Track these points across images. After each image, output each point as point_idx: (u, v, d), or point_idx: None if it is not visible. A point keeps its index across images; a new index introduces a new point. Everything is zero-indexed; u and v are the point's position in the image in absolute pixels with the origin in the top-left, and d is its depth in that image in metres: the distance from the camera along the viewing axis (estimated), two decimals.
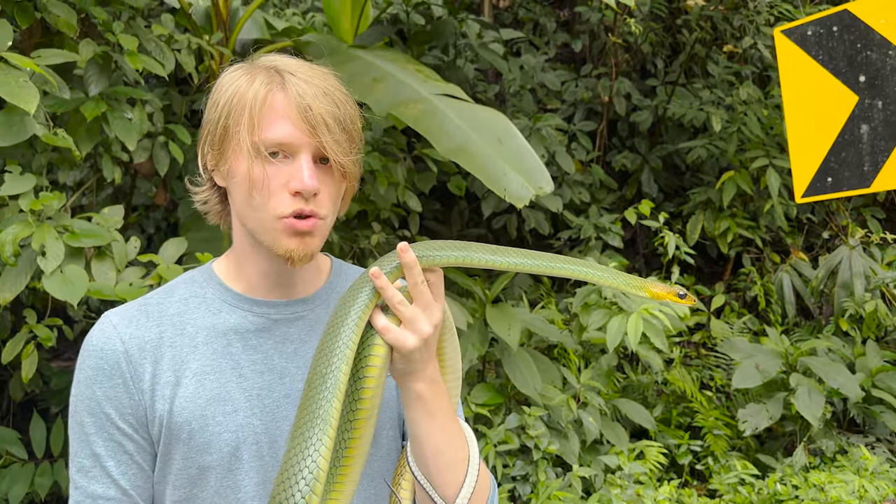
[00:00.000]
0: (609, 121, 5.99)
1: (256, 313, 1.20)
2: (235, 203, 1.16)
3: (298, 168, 1.11)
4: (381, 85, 3.25)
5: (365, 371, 1.04)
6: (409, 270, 1.06)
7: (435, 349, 1.11)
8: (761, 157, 5.01)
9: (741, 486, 3.93)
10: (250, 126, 1.09)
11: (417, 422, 1.10)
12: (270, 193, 1.10)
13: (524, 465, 3.41)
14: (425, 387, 1.09)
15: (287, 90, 1.11)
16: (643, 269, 5.77)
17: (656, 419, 4.48)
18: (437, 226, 5.24)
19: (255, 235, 1.15)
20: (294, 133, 1.10)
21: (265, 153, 1.10)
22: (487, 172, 3.06)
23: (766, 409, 4.13)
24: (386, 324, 1.06)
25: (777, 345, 4.40)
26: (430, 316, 1.07)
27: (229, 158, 1.12)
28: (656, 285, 1.19)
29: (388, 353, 1.07)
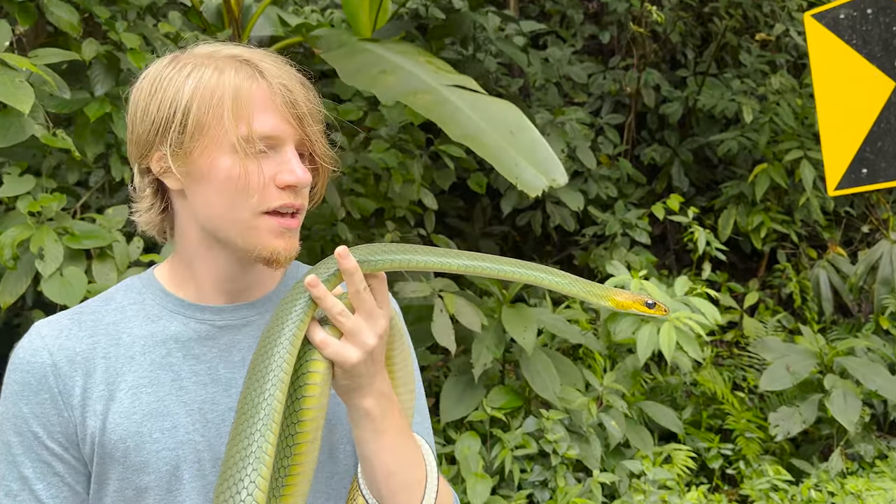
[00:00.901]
0: (637, 113, 5.83)
1: (200, 320, 1.11)
2: (197, 205, 1.06)
3: (287, 160, 1.04)
4: (390, 77, 3.17)
5: (303, 391, 0.95)
6: (349, 277, 0.96)
7: (383, 360, 1.01)
8: (795, 148, 4.81)
9: (773, 493, 3.77)
10: (236, 118, 1.01)
11: (366, 441, 1.01)
12: (258, 189, 1.03)
13: (542, 470, 3.30)
14: (373, 402, 1.00)
15: (269, 80, 1.04)
16: (674, 266, 5.61)
17: (686, 421, 4.33)
18: (459, 223, 5.15)
19: (229, 239, 1.06)
20: (281, 125, 1.04)
21: (258, 146, 1.02)
22: (499, 160, 2.97)
23: (800, 413, 3.96)
24: (325, 338, 0.96)
25: (811, 344, 4.22)
26: (374, 326, 0.98)
27: (200, 156, 1.03)
28: (621, 294, 1.08)
29: (329, 369, 0.97)
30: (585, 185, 5.17)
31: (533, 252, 5.45)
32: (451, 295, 3.42)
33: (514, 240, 5.49)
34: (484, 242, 5.08)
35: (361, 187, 3.75)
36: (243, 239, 1.05)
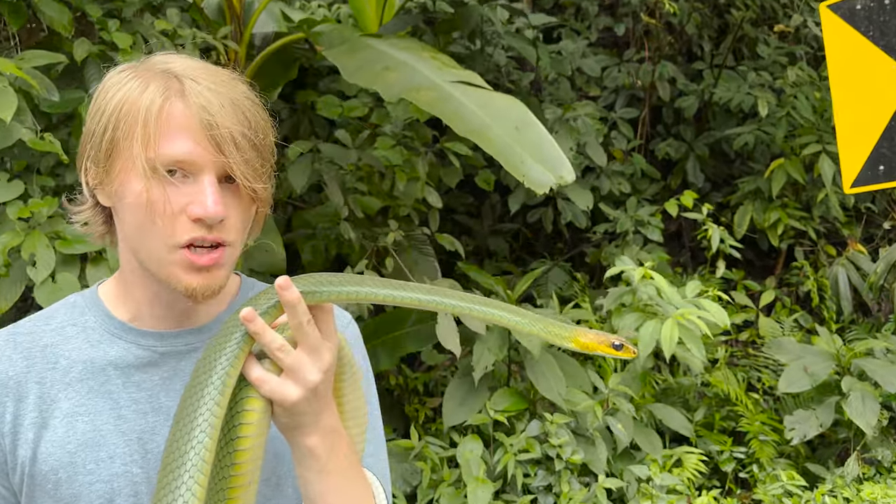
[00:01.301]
0: (652, 107, 5.72)
1: (142, 345, 1.05)
2: (124, 227, 1.01)
3: (200, 190, 0.96)
4: (393, 73, 3.11)
5: (238, 431, 0.88)
6: (291, 310, 0.89)
7: (329, 396, 0.94)
8: (813, 142, 4.68)
9: (787, 498, 3.67)
10: (144, 140, 0.95)
11: (310, 482, 0.95)
12: (166, 218, 0.96)
13: (547, 474, 3.23)
14: (318, 441, 0.93)
15: (187, 99, 0.96)
16: (689, 264, 5.50)
17: (698, 423, 4.23)
18: (468, 220, 5.07)
19: (149, 268, 1.00)
20: (196, 150, 0.96)
21: (162, 172, 0.95)
22: (505, 156, 2.90)
23: (816, 416, 3.85)
24: (261, 375, 0.90)
25: (828, 345, 4.10)
26: (318, 361, 0.91)
27: (118, 176, 0.98)
28: (586, 334, 1.00)
29: (268, 408, 0.90)
30: (598, 181, 5.07)
31: (544, 249, 5.37)
32: None
33: (525, 237, 5.41)
34: (493, 240, 5.01)
35: (365, 185, 3.69)
36: (158, 270, 0.99)
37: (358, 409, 1.01)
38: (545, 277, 4.71)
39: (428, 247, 4.14)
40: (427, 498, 3.22)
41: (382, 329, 3.71)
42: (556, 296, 4.39)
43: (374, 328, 3.67)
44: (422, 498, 3.23)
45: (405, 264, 3.84)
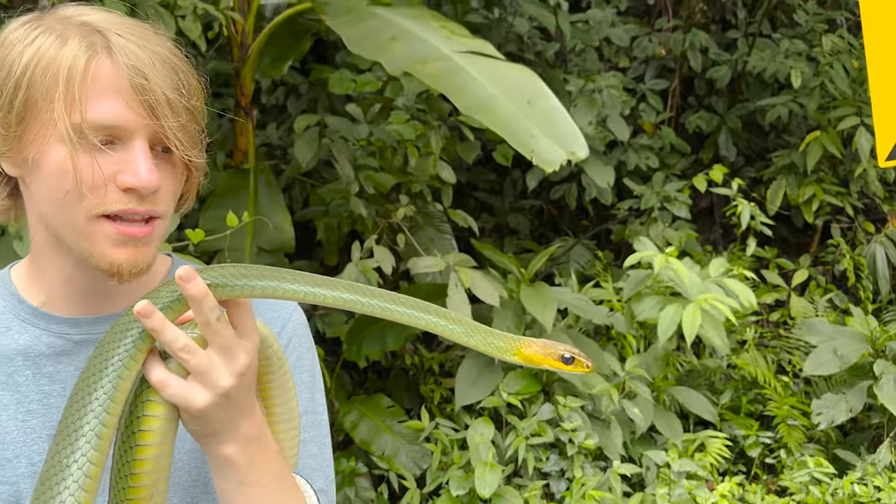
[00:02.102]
0: (683, 78, 5.50)
1: (54, 333, 0.96)
2: (36, 198, 0.91)
3: (132, 158, 0.87)
4: (398, 43, 2.99)
5: (137, 438, 0.78)
6: (196, 305, 0.79)
7: (248, 402, 0.84)
8: (851, 114, 4.45)
9: (814, 486, 3.52)
10: (68, 102, 0.85)
11: (230, 494, 0.85)
12: (92, 188, 0.87)
13: (559, 459, 3.14)
14: (236, 450, 0.83)
15: (115, 57, 0.87)
16: (719, 242, 5.31)
17: (723, 406, 4.09)
18: (489, 197, 4.95)
19: (67, 243, 0.91)
20: (127, 114, 0.87)
21: (91, 138, 0.86)
22: (512, 132, 2.78)
23: (846, 400, 3.68)
24: (163, 377, 0.80)
25: (863, 327, 3.92)
26: (231, 363, 0.80)
27: (32, 142, 0.88)
28: (531, 345, 0.89)
29: (173, 412, 0.81)
30: (624, 155, 4.90)
31: (569, 227, 5.23)
32: (466, 269, 3.26)
33: (549, 214, 5.27)
34: (514, 217, 4.88)
35: (376, 161, 3.60)
36: (78, 245, 0.90)
37: (289, 412, 0.92)
38: (567, 256, 4.58)
39: (445, 224, 4.04)
40: (437, 481, 3.16)
41: None
42: (577, 275, 4.27)
43: None
44: (431, 481, 3.16)
45: (421, 241, 3.75)
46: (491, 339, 0.90)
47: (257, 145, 3.82)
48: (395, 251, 3.61)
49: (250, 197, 3.27)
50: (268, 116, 4.62)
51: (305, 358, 1.05)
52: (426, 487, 3.17)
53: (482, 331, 0.90)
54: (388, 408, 3.48)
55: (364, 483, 3.34)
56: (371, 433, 3.35)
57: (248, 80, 3.44)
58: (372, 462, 3.36)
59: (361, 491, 3.31)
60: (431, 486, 3.15)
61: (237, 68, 3.42)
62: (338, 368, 3.68)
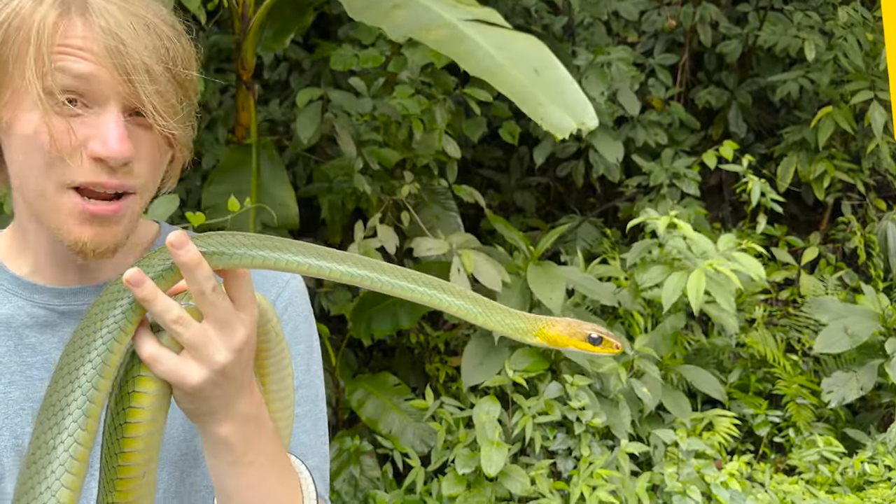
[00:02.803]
0: (693, 53, 5.41)
1: (38, 303, 0.92)
2: (13, 166, 0.87)
3: (102, 123, 0.82)
4: (402, 11, 2.92)
5: (127, 415, 0.73)
6: (189, 274, 0.73)
7: (246, 378, 0.79)
8: (864, 89, 4.36)
9: (823, 465, 3.49)
10: (38, 62, 0.80)
11: (224, 475, 0.81)
12: (61, 154, 0.82)
13: (566, 437, 3.11)
14: (232, 430, 0.78)
15: (89, 18, 0.82)
16: (728, 219, 5.24)
17: (732, 385, 4.06)
18: (495, 174, 4.89)
19: (37, 213, 0.87)
20: (98, 74, 0.81)
21: (59, 97, 0.81)
22: (523, 98, 2.71)
23: (857, 379, 3.64)
24: (154, 352, 0.74)
25: (873, 305, 3.87)
26: (228, 337, 0.75)
27: (6, 106, 0.84)
28: (554, 325, 0.81)
29: (165, 389, 0.76)
30: (633, 131, 4.83)
31: (575, 204, 5.17)
32: (469, 252, 3.21)
33: (556, 192, 5.21)
34: (520, 195, 4.82)
35: (380, 136, 3.54)
36: (47, 217, 0.85)
37: (285, 390, 0.87)
38: (574, 233, 4.53)
39: (450, 200, 3.99)
40: (442, 459, 3.13)
41: None
42: (584, 253, 4.22)
43: None
44: (436, 459, 3.14)
45: (426, 219, 3.70)
46: (510, 320, 0.83)
47: (259, 121, 3.76)
48: (399, 229, 3.57)
49: (253, 172, 3.21)
50: (270, 92, 4.56)
51: (302, 328, 1.00)
52: (431, 466, 3.15)
53: (500, 311, 0.84)
54: (394, 386, 3.46)
55: (369, 461, 3.32)
56: (378, 411, 3.32)
57: (249, 54, 3.37)
58: (377, 440, 3.34)
59: (367, 469, 3.29)
60: (437, 464, 3.13)
61: (238, 41, 3.35)
62: (343, 347, 3.65)
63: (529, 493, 2.98)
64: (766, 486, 3.45)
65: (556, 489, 3.04)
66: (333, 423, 3.51)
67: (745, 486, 3.25)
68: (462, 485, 2.97)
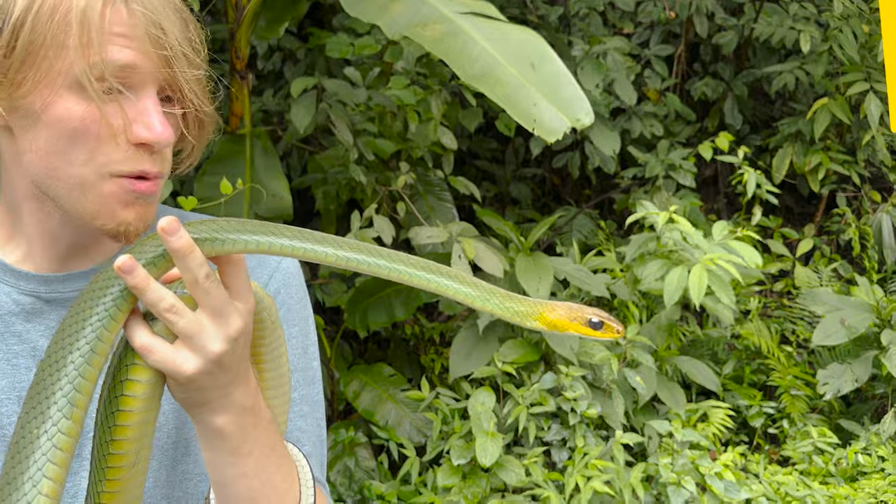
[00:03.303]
0: (689, 44, 5.40)
1: (23, 290, 0.90)
2: (29, 152, 0.84)
3: (144, 109, 0.82)
4: (398, 5, 2.90)
5: (119, 403, 0.72)
6: (181, 261, 0.72)
7: (242, 369, 0.77)
8: (860, 80, 4.36)
9: (817, 456, 3.50)
10: (84, 47, 0.79)
11: (221, 465, 0.80)
12: (104, 141, 0.81)
13: (561, 428, 3.11)
14: (228, 420, 0.77)
15: (130, 3, 0.82)
16: (723, 211, 5.25)
17: (726, 377, 4.07)
18: (490, 166, 4.88)
19: (61, 200, 0.85)
20: (141, 62, 0.81)
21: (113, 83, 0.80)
22: (514, 102, 2.71)
23: (852, 370, 3.65)
24: (148, 342, 0.72)
25: (868, 296, 3.87)
26: (222, 326, 0.73)
27: (34, 91, 0.81)
28: (555, 310, 0.80)
29: (159, 378, 0.74)
30: (629, 122, 4.82)
31: (571, 196, 5.17)
32: (469, 240, 3.20)
33: (551, 183, 5.20)
34: (516, 186, 4.81)
35: (375, 126, 3.52)
36: (84, 205, 0.84)
37: (280, 378, 0.86)
38: (569, 225, 4.52)
39: (445, 192, 3.98)
40: (437, 449, 3.13)
41: None
42: (580, 244, 4.22)
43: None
44: (431, 449, 3.14)
45: (421, 210, 3.69)
46: (510, 304, 0.82)
47: (253, 112, 3.74)
48: (395, 220, 3.56)
49: (247, 163, 3.20)
50: (264, 83, 4.54)
51: (296, 310, 0.99)
52: (426, 456, 3.15)
53: (500, 294, 0.82)
54: (389, 377, 3.45)
55: (364, 452, 3.33)
56: (374, 402, 3.32)
57: (243, 44, 3.35)
58: (372, 432, 3.34)
59: (362, 461, 3.29)
60: (432, 454, 3.13)
61: (232, 31, 3.34)
62: (337, 338, 3.65)
63: (524, 483, 2.98)
64: (760, 476, 3.46)
65: (551, 479, 3.05)
66: (329, 415, 3.51)
67: (740, 477, 3.26)
68: (457, 475, 2.97)
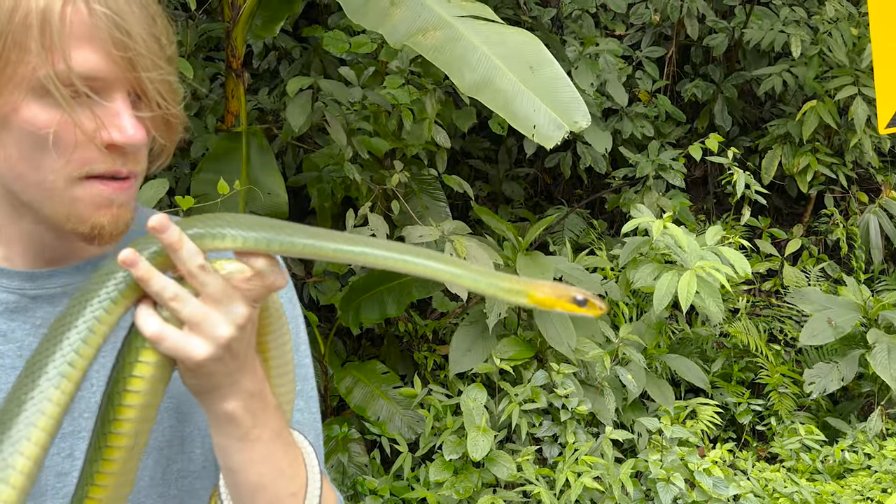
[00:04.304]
0: (680, 46, 5.45)
1: (7, 288, 0.89)
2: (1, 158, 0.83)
3: (115, 112, 0.80)
4: (398, 10, 2.93)
5: (128, 384, 0.74)
6: (174, 255, 0.74)
7: (249, 356, 0.80)
8: (848, 84, 4.42)
9: (805, 453, 3.56)
10: (47, 51, 0.77)
11: (229, 451, 0.81)
12: (73, 146, 0.80)
13: (552, 424, 3.15)
14: (238, 406, 0.79)
15: (90, 2, 0.79)
16: (713, 211, 5.30)
17: (715, 374, 4.12)
18: (483, 165, 4.91)
19: (33, 204, 0.84)
20: (107, 65, 0.79)
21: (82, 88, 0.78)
22: (513, 108, 2.73)
23: (838, 369, 3.70)
24: (159, 329, 0.74)
25: (855, 296, 3.93)
26: (227, 313, 0.75)
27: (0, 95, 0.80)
28: (542, 288, 0.82)
29: (165, 364, 0.76)
30: (620, 123, 4.87)
31: (563, 195, 5.21)
32: (461, 238, 3.24)
33: (543, 183, 5.25)
34: (509, 185, 4.85)
35: (370, 125, 3.55)
36: (54, 209, 0.83)
37: (286, 366, 0.88)
38: (561, 224, 4.57)
39: (439, 191, 4.01)
40: (429, 445, 3.16)
41: (391, 275, 3.61)
42: (572, 243, 4.26)
43: (381, 274, 3.58)
44: (424, 445, 3.17)
45: (415, 208, 3.72)
46: (499, 282, 0.83)
47: (249, 110, 3.76)
48: (389, 218, 3.58)
49: (243, 160, 3.22)
50: (260, 81, 4.55)
51: (286, 309, 0.99)
52: (419, 452, 3.18)
53: (487, 274, 0.84)
54: (382, 374, 3.48)
55: (357, 448, 3.35)
56: (366, 399, 3.35)
57: (239, 42, 3.38)
58: (365, 428, 3.36)
59: (354, 456, 3.32)
60: (424, 450, 3.16)
61: (228, 29, 3.36)
62: (331, 336, 3.67)
63: (515, 478, 3.02)
64: (748, 473, 3.51)
65: (542, 475, 3.08)
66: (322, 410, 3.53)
67: (728, 474, 3.31)
68: (449, 471, 3.01)
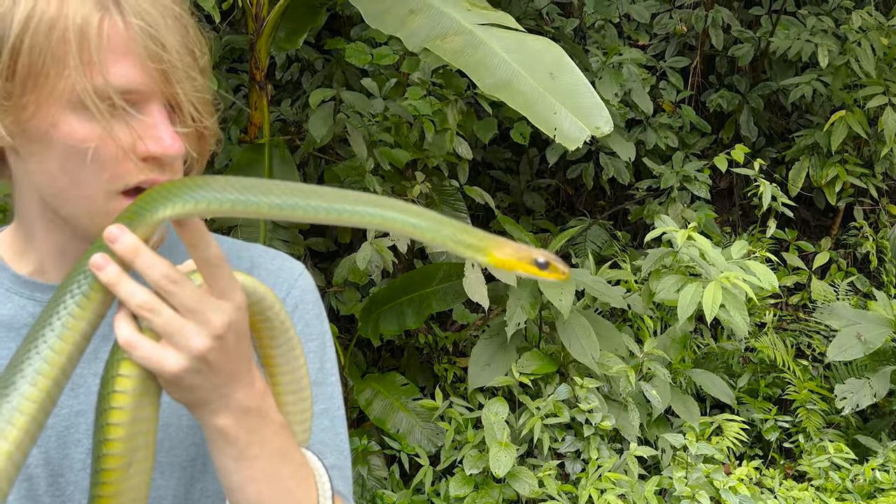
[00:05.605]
0: (704, 56, 5.40)
1: (40, 302, 0.89)
2: (37, 172, 0.82)
3: (152, 124, 0.79)
4: (417, 17, 2.92)
5: (110, 400, 0.71)
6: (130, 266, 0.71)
7: (240, 368, 0.76)
8: (879, 94, 4.34)
9: (834, 472, 3.47)
10: (85, 65, 0.76)
11: (227, 469, 0.78)
12: (113, 160, 0.79)
13: (575, 440, 3.10)
14: (230, 422, 0.76)
15: (126, 16, 0.78)
16: (738, 223, 5.23)
17: (741, 390, 4.04)
18: (504, 176, 4.88)
19: (72, 219, 0.84)
20: (143, 78, 0.78)
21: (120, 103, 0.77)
22: (535, 110, 2.71)
23: (870, 385, 3.62)
24: (131, 337, 0.71)
25: (886, 311, 3.84)
26: (202, 324, 0.71)
27: (37, 112, 0.79)
28: (503, 248, 0.75)
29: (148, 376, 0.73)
30: (643, 133, 4.82)
31: (585, 207, 5.17)
32: None
33: (565, 194, 5.20)
34: (530, 196, 4.82)
35: (391, 136, 3.54)
36: (92, 223, 0.82)
37: (297, 383, 0.84)
38: (584, 236, 4.52)
39: (460, 202, 3.99)
40: (450, 459, 3.13)
41: (411, 287, 3.59)
42: (594, 255, 4.21)
43: (402, 286, 3.56)
44: (445, 459, 3.14)
45: None
46: (461, 236, 0.76)
47: (272, 121, 3.77)
48: None
49: (265, 171, 3.22)
50: (282, 93, 4.57)
51: (314, 325, 0.98)
52: (439, 466, 3.14)
53: (451, 225, 0.76)
54: (402, 386, 3.45)
55: (376, 461, 3.32)
56: (386, 411, 3.32)
57: (262, 54, 3.38)
58: (384, 441, 3.34)
59: (374, 469, 3.29)
60: (445, 464, 3.13)
61: (252, 41, 3.36)
62: (351, 346, 3.65)
63: (537, 494, 2.97)
64: (775, 491, 3.43)
65: (564, 491, 3.03)
66: None
67: (754, 492, 3.24)
68: (470, 485, 2.97)
